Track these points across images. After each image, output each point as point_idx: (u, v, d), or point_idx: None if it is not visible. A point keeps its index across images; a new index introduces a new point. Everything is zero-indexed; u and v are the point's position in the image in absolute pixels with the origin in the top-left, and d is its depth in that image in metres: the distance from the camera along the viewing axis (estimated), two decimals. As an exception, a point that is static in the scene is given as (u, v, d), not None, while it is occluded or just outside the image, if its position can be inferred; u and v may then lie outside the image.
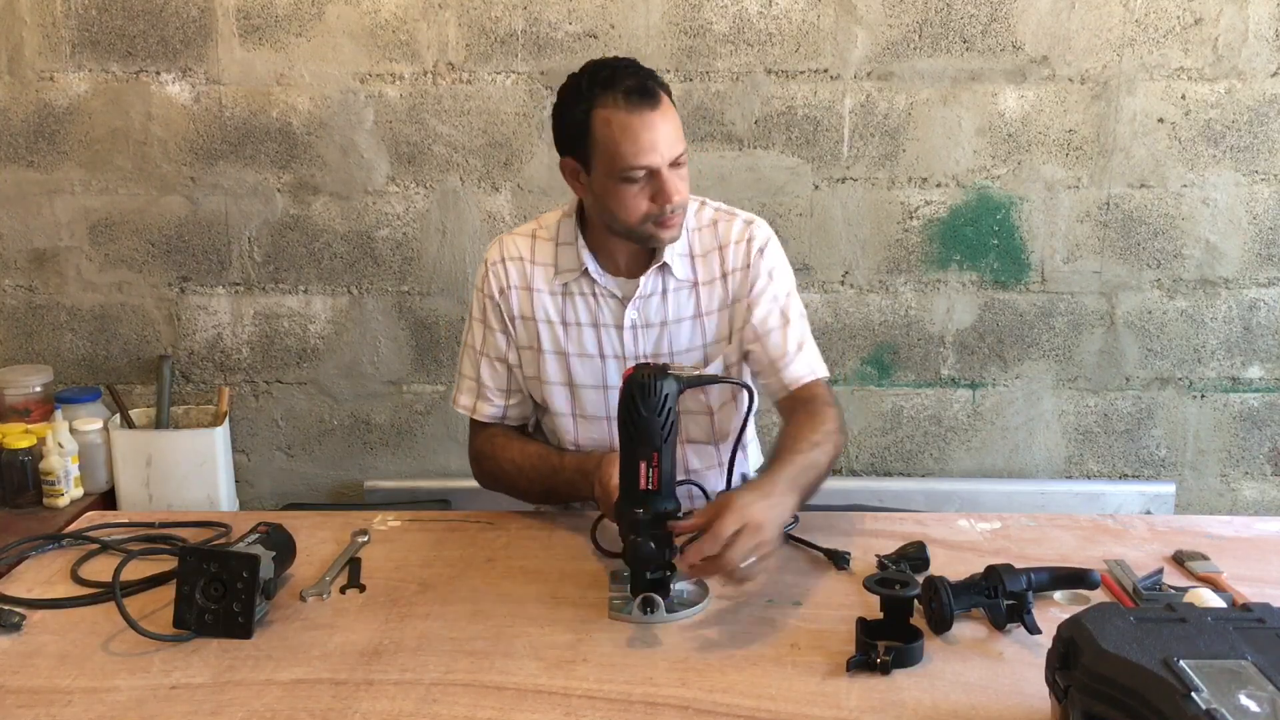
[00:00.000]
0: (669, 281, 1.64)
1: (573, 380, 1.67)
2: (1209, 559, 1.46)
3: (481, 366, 1.70)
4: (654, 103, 1.49)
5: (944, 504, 2.67)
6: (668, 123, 1.50)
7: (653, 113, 1.48)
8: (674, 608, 1.32)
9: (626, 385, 1.32)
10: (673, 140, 1.50)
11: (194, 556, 1.28)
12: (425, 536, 1.58)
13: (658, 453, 1.31)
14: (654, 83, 1.51)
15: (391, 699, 1.15)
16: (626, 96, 1.48)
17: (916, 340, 2.70)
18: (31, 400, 2.59)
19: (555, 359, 1.67)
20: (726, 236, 1.66)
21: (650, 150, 1.49)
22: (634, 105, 1.48)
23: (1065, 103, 2.55)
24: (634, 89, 1.48)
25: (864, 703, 1.13)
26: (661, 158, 1.49)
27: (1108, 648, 0.95)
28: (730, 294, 1.66)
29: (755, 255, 1.65)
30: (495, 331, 1.69)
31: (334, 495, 2.80)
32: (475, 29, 2.54)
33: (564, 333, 1.66)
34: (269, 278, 2.68)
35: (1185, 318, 2.67)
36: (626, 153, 1.49)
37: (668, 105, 1.51)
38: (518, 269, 1.67)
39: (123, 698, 1.15)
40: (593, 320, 1.65)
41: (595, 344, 1.66)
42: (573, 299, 1.66)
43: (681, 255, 1.64)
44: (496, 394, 1.70)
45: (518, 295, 1.67)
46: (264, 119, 2.60)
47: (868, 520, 1.63)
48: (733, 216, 1.69)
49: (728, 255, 1.66)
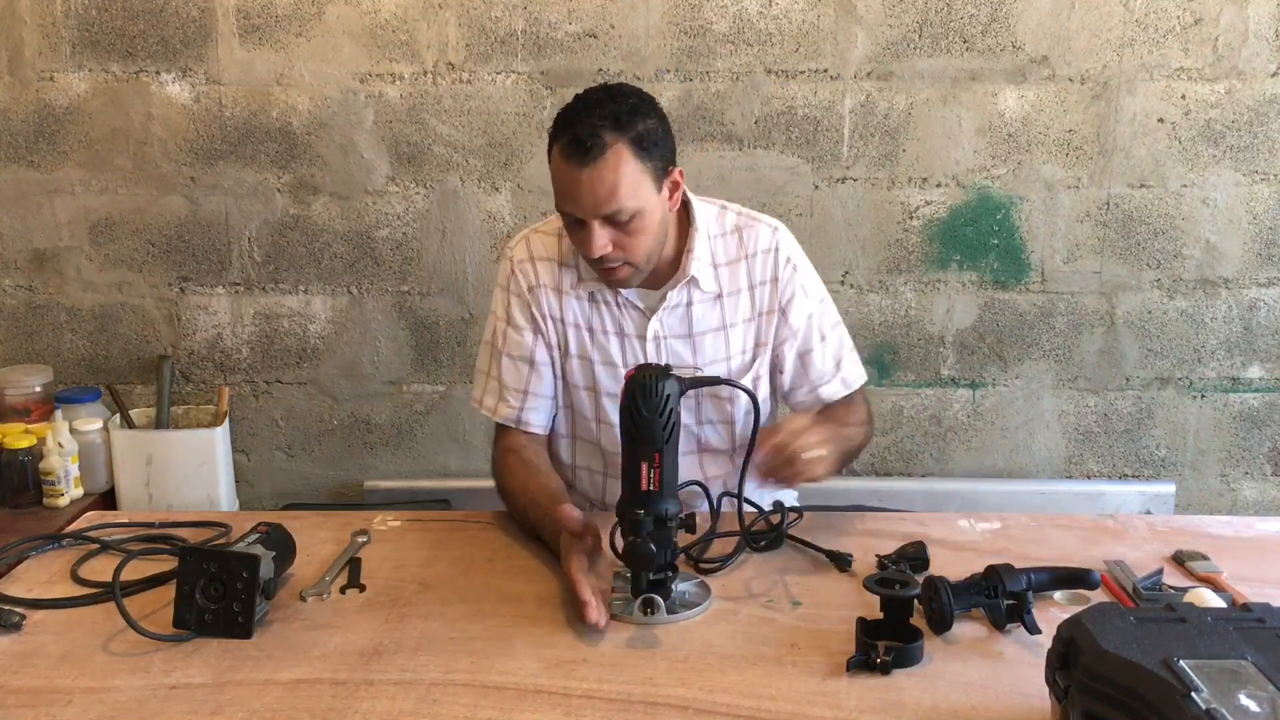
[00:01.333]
0: (694, 294, 1.63)
1: (596, 386, 1.66)
2: (1209, 559, 1.46)
3: (503, 364, 1.68)
4: (584, 161, 1.45)
5: (944, 504, 2.67)
6: (597, 182, 1.46)
7: (579, 170, 1.45)
8: (675, 609, 1.32)
9: (628, 386, 1.32)
10: (599, 199, 1.46)
11: (194, 556, 1.28)
12: (425, 536, 1.58)
13: (659, 453, 1.31)
14: (603, 135, 1.45)
15: (391, 699, 1.15)
16: (565, 146, 1.47)
17: (916, 340, 2.70)
18: (31, 400, 2.59)
19: (580, 364, 1.66)
20: (753, 245, 1.64)
21: (572, 201, 1.49)
22: (567, 156, 1.47)
23: (1065, 103, 2.55)
24: (571, 141, 1.46)
25: (864, 703, 1.13)
26: (584, 211, 1.48)
27: (1108, 648, 0.95)
28: (757, 306, 1.65)
29: (785, 268, 1.65)
30: (522, 329, 1.67)
31: (334, 495, 2.80)
32: (475, 29, 2.54)
33: (589, 339, 1.65)
34: (269, 278, 2.68)
35: (1185, 318, 2.67)
36: (557, 192, 1.51)
37: (608, 162, 1.45)
38: (548, 269, 1.66)
39: (123, 698, 1.15)
40: (617, 329, 1.65)
41: (620, 353, 1.65)
42: (598, 306, 1.65)
43: (705, 266, 1.63)
44: (515, 395, 1.68)
45: (548, 295, 1.66)
46: (264, 119, 2.60)
47: (868, 520, 1.62)
48: (755, 223, 1.67)
49: (755, 266, 1.64)
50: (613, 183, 1.46)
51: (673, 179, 1.55)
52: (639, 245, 1.52)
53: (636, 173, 1.48)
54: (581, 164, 1.45)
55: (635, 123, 1.47)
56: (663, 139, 1.52)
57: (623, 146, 1.46)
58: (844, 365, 1.70)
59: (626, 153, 1.46)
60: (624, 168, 1.46)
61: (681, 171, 1.57)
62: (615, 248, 1.51)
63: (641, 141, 1.48)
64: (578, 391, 1.68)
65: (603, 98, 1.49)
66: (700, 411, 1.67)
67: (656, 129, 1.50)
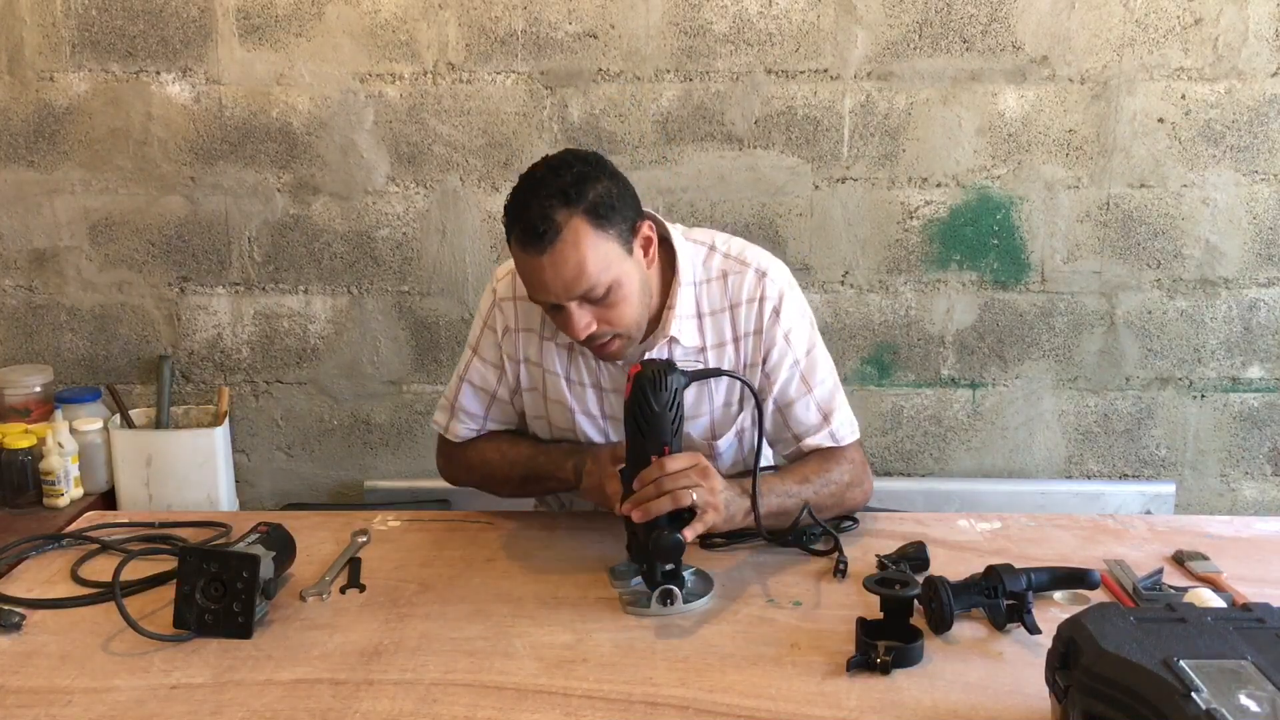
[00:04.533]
0: (675, 350, 1.55)
1: (578, 433, 1.63)
2: (1209, 559, 1.46)
3: (463, 391, 1.67)
4: (541, 247, 1.38)
5: (944, 504, 2.67)
6: (560, 265, 1.38)
7: (540, 257, 1.39)
8: (689, 598, 1.34)
9: (636, 381, 1.32)
10: (567, 282, 1.39)
11: (194, 556, 1.28)
12: (425, 536, 1.58)
13: (668, 446, 1.33)
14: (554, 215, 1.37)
15: (391, 699, 1.15)
16: (519, 236, 1.40)
17: (916, 340, 2.70)
18: (31, 400, 2.59)
19: (559, 409, 1.63)
20: (738, 295, 1.56)
21: (541, 290, 1.43)
22: (524, 246, 1.40)
23: (1065, 103, 2.55)
24: (524, 231, 1.39)
25: (864, 703, 1.13)
26: (555, 297, 1.42)
27: (1108, 648, 0.95)
28: (743, 359, 1.58)
29: (770, 319, 1.56)
30: (487, 364, 1.64)
31: (334, 495, 2.80)
32: (475, 29, 2.54)
33: (568, 389, 1.60)
34: (269, 278, 2.69)
35: (1185, 318, 2.67)
36: (524, 284, 1.46)
37: (566, 243, 1.38)
38: (527, 312, 1.60)
39: (123, 698, 1.16)
40: (595, 382, 1.60)
41: (598, 405, 1.61)
42: (575, 358, 1.60)
43: (689, 318, 1.55)
44: (474, 419, 1.68)
45: (525, 339, 1.62)
46: (264, 119, 2.60)
47: (868, 520, 1.63)
48: (744, 268, 1.57)
49: (739, 316, 1.56)
50: (577, 262, 1.38)
51: (643, 235, 1.47)
52: (623, 315, 1.45)
53: (600, 243, 1.40)
54: (540, 251, 1.38)
55: (585, 192, 1.39)
56: (620, 199, 1.43)
57: (578, 221, 1.38)
58: (834, 419, 1.60)
59: (584, 226, 1.39)
60: (584, 243, 1.38)
61: (652, 222, 1.50)
62: (600, 323, 1.44)
63: (597, 210, 1.40)
64: (563, 432, 1.65)
65: (546, 175, 1.41)
66: (714, 427, 1.62)
67: (610, 190, 1.42)
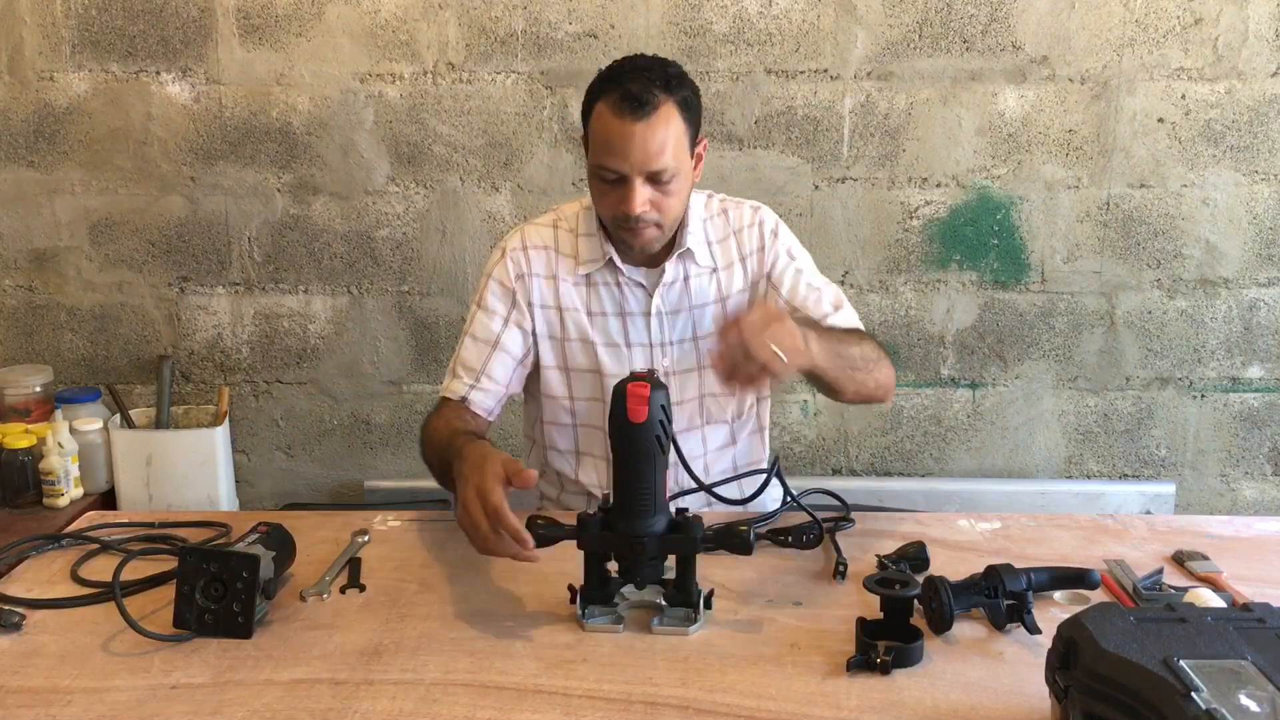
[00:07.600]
0: (691, 268, 1.68)
1: (601, 369, 1.68)
2: (1209, 559, 1.46)
3: (464, 346, 1.70)
4: (640, 114, 1.50)
5: (944, 504, 2.67)
6: (650, 136, 1.51)
7: (635, 124, 1.50)
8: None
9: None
10: (649, 154, 1.51)
11: (194, 556, 1.28)
12: (425, 536, 1.58)
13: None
14: (656, 93, 1.51)
15: (391, 699, 1.15)
16: (618, 101, 1.51)
17: (916, 340, 2.70)
18: (31, 400, 2.59)
19: (582, 346, 1.69)
20: (739, 222, 1.72)
21: (620, 157, 1.52)
22: (620, 110, 1.51)
23: (1065, 103, 2.55)
24: (626, 95, 1.50)
25: (864, 703, 1.13)
26: (631, 167, 1.52)
27: (1108, 648, 0.95)
28: (749, 276, 1.71)
29: (769, 237, 1.71)
30: (493, 314, 1.69)
31: (334, 495, 2.80)
32: (475, 29, 2.54)
33: (589, 322, 1.68)
34: (269, 278, 2.68)
35: (1185, 318, 2.67)
36: (600, 150, 1.55)
37: (660, 119, 1.51)
38: (542, 257, 1.70)
39: (123, 698, 1.15)
40: (618, 309, 1.68)
41: (621, 333, 1.69)
42: (596, 289, 1.69)
43: (700, 241, 1.69)
44: (468, 373, 1.67)
45: (540, 284, 1.69)
46: (264, 119, 2.60)
47: (868, 520, 1.62)
48: (740, 204, 1.75)
49: (743, 239, 1.71)
50: (663, 139, 1.51)
51: (701, 148, 1.63)
52: (672, 206, 1.58)
53: (681, 134, 1.54)
54: (636, 118, 1.50)
55: (683, 86, 1.56)
56: (698, 109, 1.60)
57: (672, 107, 1.52)
58: (845, 309, 1.71)
59: (675, 113, 1.53)
60: (673, 126, 1.52)
61: (706, 144, 1.64)
62: (651, 207, 1.56)
63: (687, 104, 1.55)
64: (581, 375, 1.70)
65: (650, 63, 1.56)
66: (702, 384, 1.70)
67: (696, 98, 1.59)
